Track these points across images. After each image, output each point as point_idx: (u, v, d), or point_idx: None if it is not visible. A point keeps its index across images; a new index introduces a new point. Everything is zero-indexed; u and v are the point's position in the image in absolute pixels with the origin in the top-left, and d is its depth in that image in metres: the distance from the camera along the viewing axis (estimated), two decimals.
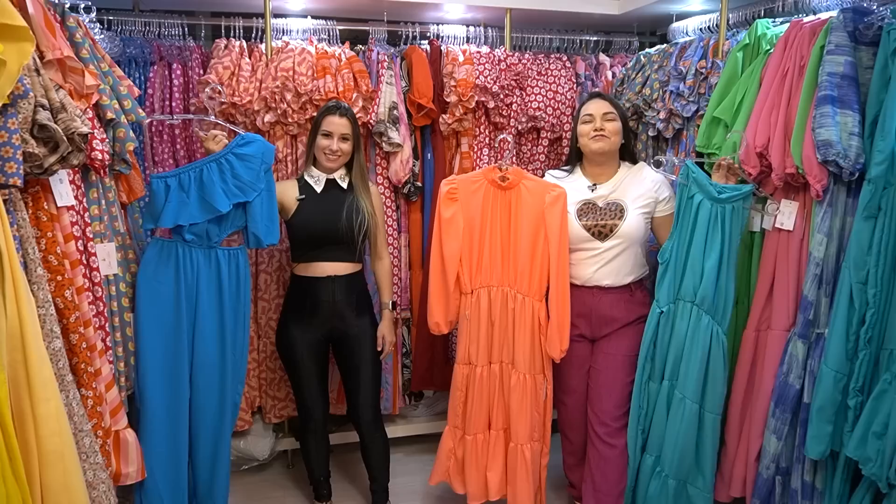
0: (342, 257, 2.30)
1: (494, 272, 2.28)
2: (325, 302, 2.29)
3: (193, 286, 2.12)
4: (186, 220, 2.07)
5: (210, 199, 2.08)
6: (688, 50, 2.49)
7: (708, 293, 2.04)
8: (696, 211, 2.05)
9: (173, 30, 2.71)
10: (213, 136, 2.17)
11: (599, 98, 2.26)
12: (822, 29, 1.89)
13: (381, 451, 2.48)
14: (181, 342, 2.10)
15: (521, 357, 2.26)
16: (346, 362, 2.40)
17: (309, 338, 2.32)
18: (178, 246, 2.10)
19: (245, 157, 2.13)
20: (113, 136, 1.90)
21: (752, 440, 2.13)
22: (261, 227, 2.17)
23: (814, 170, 1.86)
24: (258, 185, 2.14)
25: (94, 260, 1.83)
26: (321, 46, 2.69)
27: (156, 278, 2.07)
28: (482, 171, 2.31)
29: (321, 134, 2.29)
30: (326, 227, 2.27)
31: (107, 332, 1.87)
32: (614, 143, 2.22)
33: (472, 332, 2.29)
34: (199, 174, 2.09)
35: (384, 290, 2.46)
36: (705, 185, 2.03)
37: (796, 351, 1.99)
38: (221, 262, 2.15)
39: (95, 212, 1.87)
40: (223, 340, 2.18)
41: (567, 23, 3.20)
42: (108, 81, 1.90)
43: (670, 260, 2.13)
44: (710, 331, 2.06)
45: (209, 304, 2.14)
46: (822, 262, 1.91)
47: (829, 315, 1.91)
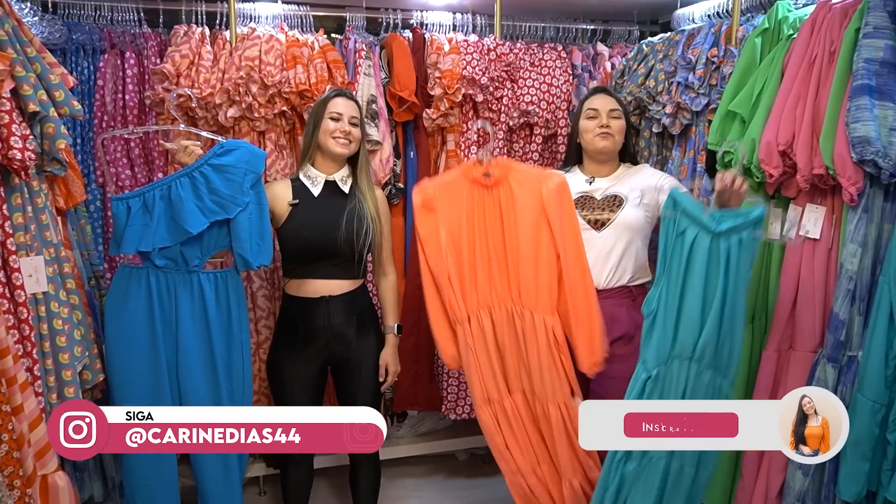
0: (339, 274, 2.01)
1: (493, 289, 1.93)
2: (320, 327, 2.00)
3: (172, 317, 1.86)
4: (150, 245, 1.81)
5: (179, 220, 1.80)
6: (697, 37, 2.26)
7: (709, 346, 1.66)
8: (689, 250, 1.64)
9: (127, 14, 2.45)
10: (184, 148, 1.87)
11: (604, 93, 2.09)
12: (857, 9, 1.69)
13: (371, 484, 2.25)
14: (160, 376, 1.86)
15: (539, 385, 1.92)
16: (343, 389, 2.13)
17: (302, 372, 2.04)
18: (150, 273, 1.85)
19: (224, 169, 1.84)
20: (41, 133, 1.65)
21: (772, 474, 1.91)
22: (248, 248, 1.88)
23: (847, 171, 1.64)
24: (241, 200, 1.85)
25: (17, 276, 1.59)
26: (292, 34, 2.45)
27: (125, 308, 1.83)
28: (460, 169, 1.95)
29: (328, 117, 1.99)
30: (322, 238, 1.97)
31: (34, 359, 1.63)
32: (618, 142, 2.07)
33: (480, 365, 1.94)
34: (167, 192, 1.81)
35: (389, 311, 2.16)
36: (698, 216, 1.62)
37: (825, 375, 1.78)
38: (206, 287, 1.88)
39: (19, 220, 1.62)
40: (214, 375, 1.90)
41: (561, 10, 2.99)
42: (34, 69, 1.64)
43: (657, 311, 1.71)
44: (714, 387, 1.71)
45: (193, 336, 1.87)
46: (856, 276, 1.70)
47: (863, 336, 1.71)
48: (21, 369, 1.54)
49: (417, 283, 2.57)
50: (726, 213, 1.63)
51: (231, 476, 1.99)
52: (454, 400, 2.67)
